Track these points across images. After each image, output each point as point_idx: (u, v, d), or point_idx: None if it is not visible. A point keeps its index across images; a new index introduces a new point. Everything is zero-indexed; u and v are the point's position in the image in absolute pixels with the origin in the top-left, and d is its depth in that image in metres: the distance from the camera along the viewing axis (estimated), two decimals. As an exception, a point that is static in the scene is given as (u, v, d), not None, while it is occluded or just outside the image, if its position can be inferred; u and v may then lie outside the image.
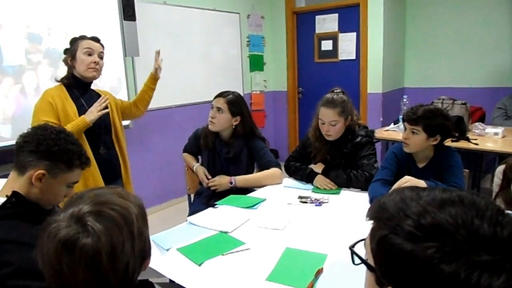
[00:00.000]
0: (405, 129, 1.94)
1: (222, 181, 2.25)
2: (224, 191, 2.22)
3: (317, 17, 4.93)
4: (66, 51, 2.12)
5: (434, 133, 1.86)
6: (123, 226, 0.76)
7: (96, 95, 2.20)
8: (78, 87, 2.12)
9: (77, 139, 1.28)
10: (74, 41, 2.08)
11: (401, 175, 2.02)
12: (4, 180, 1.25)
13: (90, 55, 2.06)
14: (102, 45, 2.15)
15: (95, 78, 2.14)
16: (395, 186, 1.70)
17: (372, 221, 0.65)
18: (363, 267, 0.71)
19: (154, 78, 2.46)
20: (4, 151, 2.60)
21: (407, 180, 1.70)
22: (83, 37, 2.10)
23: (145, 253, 0.83)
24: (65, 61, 2.11)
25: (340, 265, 1.34)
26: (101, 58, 2.14)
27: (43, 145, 1.17)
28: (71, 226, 0.74)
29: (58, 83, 2.12)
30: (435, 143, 1.90)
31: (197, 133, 2.45)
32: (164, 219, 3.54)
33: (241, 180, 2.24)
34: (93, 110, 2.03)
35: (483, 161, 3.84)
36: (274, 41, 5.29)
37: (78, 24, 2.96)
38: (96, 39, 2.13)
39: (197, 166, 2.42)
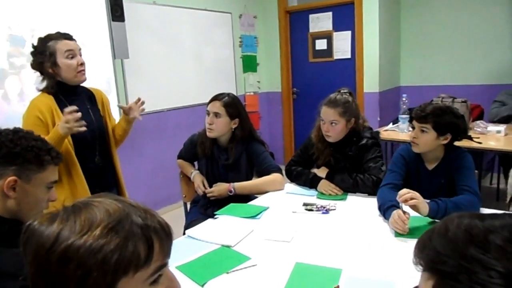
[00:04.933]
0: (413, 128, 1.84)
1: (221, 189, 2.12)
2: (223, 199, 2.09)
3: (310, 16, 4.83)
4: (38, 56, 1.83)
5: (444, 132, 1.77)
6: (48, 237, 0.59)
7: (87, 96, 2.02)
8: (66, 93, 1.90)
9: (39, 135, 1.14)
10: (45, 43, 1.82)
11: (410, 178, 1.94)
12: None
13: (73, 57, 1.85)
14: (75, 40, 1.92)
15: (85, 80, 1.95)
16: (401, 192, 1.58)
17: (425, 271, 0.50)
18: (382, 283, 0.57)
19: (127, 120, 2.10)
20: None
21: (409, 191, 1.57)
22: (54, 37, 1.84)
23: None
24: (40, 69, 1.85)
25: (357, 281, 1.23)
26: (81, 55, 1.91)
27: (3, 150, 1.03)
28: None
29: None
30: (445, 142, 1.80)
31: (193, 139, 2.31)
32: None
33: (240, 187, 2.12)
34: (69, 123, 1.73)
35: (483, 160, 3.78)
36: (267, 41, 5.18)
37: (63, 25, 2.78)
38: (70, 37, 1.89)
39: (195, 174, 2.29)
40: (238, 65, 4.84)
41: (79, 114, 1.75)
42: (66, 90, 1.90)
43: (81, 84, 1.97)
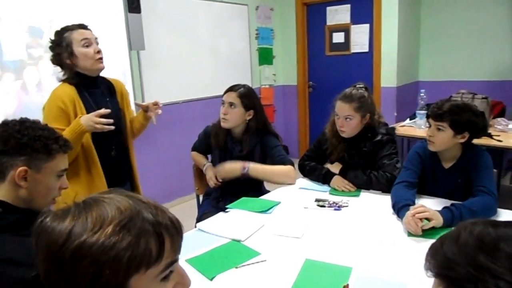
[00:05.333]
0: (430, 125, 1.79)
1: (232, 166, 2.08)
2: (234, 194, 2.08)
3: (328, 8, 4.76)
4: (56, 48, 1.83)
5: (462, 130, 1.71)
6: (61, 235, 0.58)
7: (107, 88, 2.00)
8: (86, 85, 1.89)
9: (46, 124, 1.15)
10: (61, 35, 1.83)
11: (425, 176, 1.89)
12: None
13: (89, 45, 1.84)
14: (91, 30, 1.92)
15: (103, 68, 1.93)
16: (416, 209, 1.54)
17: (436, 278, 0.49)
18: (393, 284, 0.56)
19: (145, 117, 2.11)
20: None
21: (424, 210, 1.51)
22: (69, 28, 1.84)
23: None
24: (59, 62, 1.85)
25: (367, 280, 1.21)
26: (98, 44, 1.91)
27: (11, 141, 1.04)
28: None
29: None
30: (462, 141, 1.74)
31: (207, 130, 2.31)
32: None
33: (255, 168, 2.07)
34: (94, 121, 1.73)
35: (503, 158, 3.68)
36: (283, 33, 5.13)
37: (80, 16, 2.81)
38: (85, 27, 1.89)
39: (207, 166, 2.28)
40: (254, 58, 4.81)
41: (111, 120, 1.76)
42: (86, 81, 1.89)
43: (101, 75, 1.97)
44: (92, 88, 1.92)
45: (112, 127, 1.79)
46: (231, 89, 2.15)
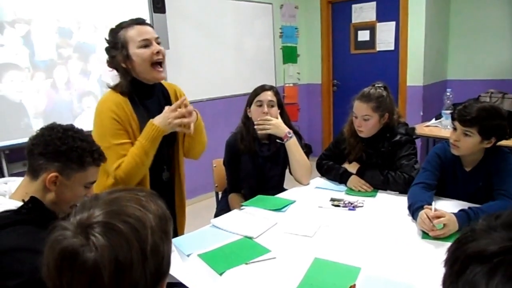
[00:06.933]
0: (455, 129, 1.71)
1: (282, 125, 2.02)
2: (253, 193, 2.09)
3: (353, 6, 4.70)
4: (111, 50, 1.57)
5: (490, 136, 1.65)
6: (134, 242, 0.66)
7: (162, 94, 1.73)
8: (141, 94, 1.62)
9: (88, 135, 1.17)
10: (115, 34, 1.56)
11: (445, 179, 1.85)
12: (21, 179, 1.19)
13: (147, 46, 1.55)
14: (150, 25, 1.62)
15: (163, 79, 1.66)
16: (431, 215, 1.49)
17: None
18: (400, 285, 0.56)
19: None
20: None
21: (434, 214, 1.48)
22: (124, 25, 1.57)
23: (161, 273, 0.71)
24: (115, 65, 1.59)
25: (375, 281, 1.21)
26: (159, 44, 1.60)
27: (51, 146, 1.10)
28: (76, 236, 0.65)
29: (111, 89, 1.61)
30: (489, 146, 1.68)
31: (231, 140, 2.18)
32: (192, 215, 3.47)
33: (294, 142, 2.03)
34: (171, 116, 1.52)
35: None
36: (308, 32, 5.10)
37: (107, 17, 2.93)
38: (142, 22, 1.59)
39: None
40: (278, 56, 4.82)
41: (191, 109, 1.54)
42: (141, 89, 1.62)
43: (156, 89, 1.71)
44: (147, 97, 1.65)
45: (192, 126, 1.58)
46: (265, 88, 2.08)
